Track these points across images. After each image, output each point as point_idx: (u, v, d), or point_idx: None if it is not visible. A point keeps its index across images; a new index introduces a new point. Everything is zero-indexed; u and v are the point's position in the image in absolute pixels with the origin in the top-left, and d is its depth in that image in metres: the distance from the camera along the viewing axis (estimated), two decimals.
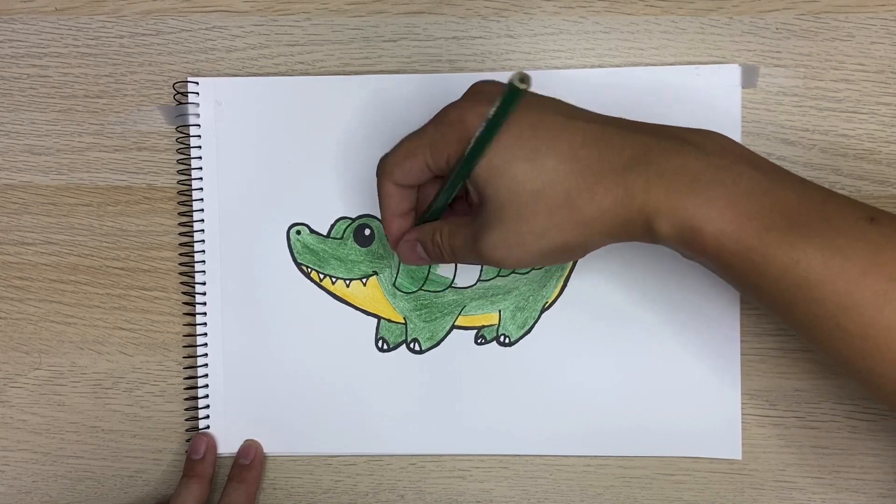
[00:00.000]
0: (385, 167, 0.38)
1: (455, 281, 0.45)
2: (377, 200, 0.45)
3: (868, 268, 0.30)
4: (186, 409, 0.47)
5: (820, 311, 0.31)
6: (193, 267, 0.46)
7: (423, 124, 0.38)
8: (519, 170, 0.33)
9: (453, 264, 0.45)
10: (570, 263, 0.45)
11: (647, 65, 0.44)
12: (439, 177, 0.37)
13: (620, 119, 0.35)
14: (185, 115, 0.46)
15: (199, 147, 0.46)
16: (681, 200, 0.32)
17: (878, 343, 0.31)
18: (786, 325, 0.35)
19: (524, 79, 0.29)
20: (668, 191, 0.32)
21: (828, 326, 0.31)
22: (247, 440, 0.46)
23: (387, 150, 0.45)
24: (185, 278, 0.46)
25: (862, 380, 0.32)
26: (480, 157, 0.34)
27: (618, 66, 0.45)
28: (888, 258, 0.30)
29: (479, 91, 0.36)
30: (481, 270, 0.45)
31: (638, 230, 0.33)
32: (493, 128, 0.33)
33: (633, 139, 0.33)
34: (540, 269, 0.45)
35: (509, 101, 0.31)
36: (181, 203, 0.46)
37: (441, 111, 0.36)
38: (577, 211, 0.33)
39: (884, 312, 0.30)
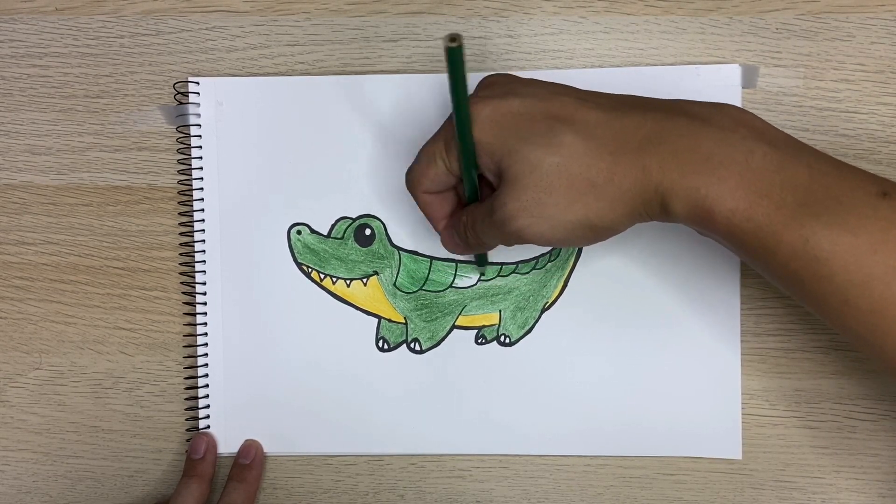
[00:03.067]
0: (412, 179, 0.38)
1: (455, 281, 0.45)
2: (378, 200, 0.45)
3: (878, 244, 0.30)
4: (186, 409, 0.47)
5: (830, 287, 0.31)
6: (193, 267, 0.46)
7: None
8: (537, 145, 0.33)
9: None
10: (571, 264, 0.45)
11: (647, 65, 0.44)
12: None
13: (632, 97, 0.35)
14: (185, 115, 0.46)
15: (200, 147, 0.46)
16: (693, 180, 0.32)
17: (888, 318, 0.31)
18: (790, 308, 0.35)
19: (454, 37, 0.29)
20: (681, 171, 0.32)
21: (838, 302, 0.31)
22: (247, 440, 0.46)
23: (386, 149, 0.45)
24: (185, 278, 0.46)
25: (873, 355, 0.33)
26: (467, 131, 0.34)
27: (618, 66, 0.45)
28: None
29: (488, 84, 0.37)
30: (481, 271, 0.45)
31: (655, 209, 0.33)
32: (458, 95, 0.32)
33: (645, 118, 0.33)
34: (541, 268, 0.45)
35: (455, 63, 0.31)
36: (181, 203, 0.46)
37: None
38: (597, 189, 0.33)
39: (893, 288, 0.30)
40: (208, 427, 0.46)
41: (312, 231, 0.46)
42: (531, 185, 0.33)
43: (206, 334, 0.46)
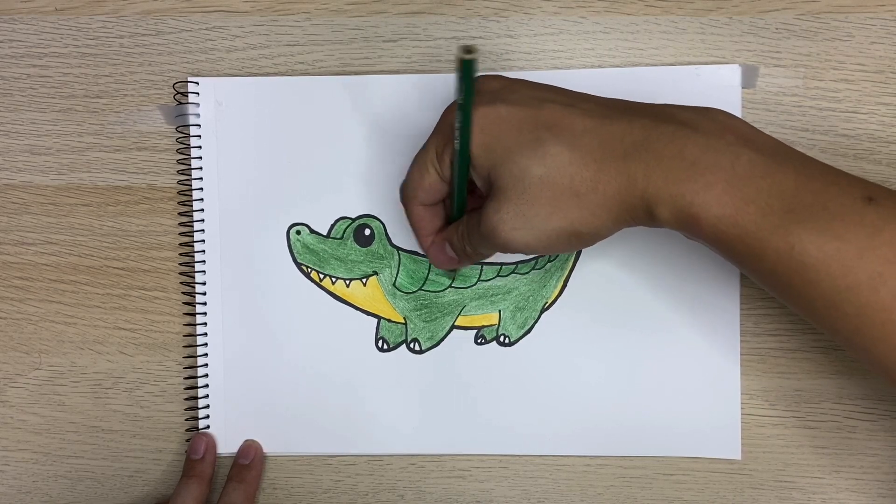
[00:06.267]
0: (407, 192, 0.39)
1: (455, 281, 0.45)
2: (377, 200, 0.46)
3: (864, 249, 0.30)
4: (186, 409, 0.47)
5: (817, 293, 0.31)
6: (193, 267, 0.46)
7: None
8: (522, 156, 0.33)
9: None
10: (571, 264, 0.45)
11: (647, 65, 0.44)
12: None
13: (619, 101, 0.35)
14: (185, 115, 0.46)
15: (199, 147, 0.46)
16: (679, 187, 0.32)
17: (875, 323, 0.31)
18: (789, 308, 0.35)
19: (470, 49, 0.29)
20: (666, 178, 0.32)
21: (825, 308, 0.32)
22: (247, 440, 0.46)
23: (386, 149, 0.45)
24: (185, 278, 0.46)
25: (862, 359, 0.33)
26: (469, 139, 0.34)
27: (618, 66, 0.45)
28: (884, 240, 0.30)
29: (478, 90, 0.36)
30: (481, 270, 0.45)
31: (641, 216, 0.33)
32: (465, 107, 0.32)
33: (632, 124, 0.33)
34: (541, 269, 0.45)
35: (466, 75, 0.31)
36: (181, 203, 0.46)
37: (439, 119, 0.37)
38: (581, 198, 0.33)
39: (879, 294, 0.30)
40: (208, 427, 0.46)
41: (312, 231, 0.46)
42: (514, 197, 0.34)
43: (206, 334, 0.46)
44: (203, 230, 0.46)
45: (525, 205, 0.34)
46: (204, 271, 0.46)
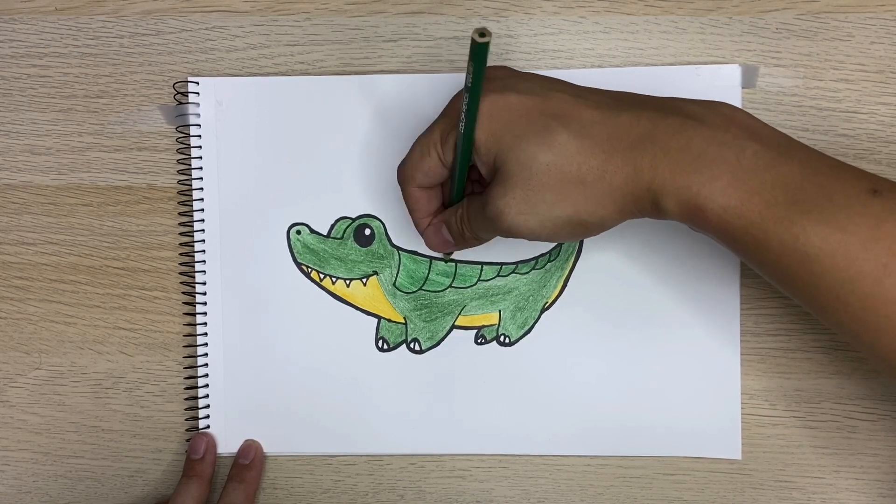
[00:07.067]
0: (405, 173, 0.39)
1: (455, 281, 0.45)
2: (377, 200, 0.46)
3: (868, 241, 0.30)
4: (186, 409, 0.47)
5: (821, 284, 0.31)
6: (193, 267, 0.46)
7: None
8: (530, 143, 0.34)
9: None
10: (571, 264, 0.45)
11: (647, 65, 0.44)
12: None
13: (629, 94, 0.36)
14: (185, 114, 0.46)
15: (200, 147, 0.46)
16: (685, 179, 0.32)
17: (880, 315, 0.31)
18: (789, 308, 0.35)
19: (483, 33, 0.29)
20: (672, 169, 0.32)
21: (830, 299, 0.32)
22: (247, 440, 0.46)
23: (386, 149, 0.45)
24: (185, 278, 0.46)
25: (866, 352, 0.33)
26: (474, 124, 0.34)
27: (618, 66, 0.45)
28: (889, 231, 0.30)
29: (486, 78, 0.37)
30: (481, 270, 0.45)
31: (647, 207, 0.33)
32: (474, 90, 0.33)
33: (639, 116, 0.34)
34: (541, 268, 0.45)
35: (478, 58, 0.31)
36: (181, 203, 0.46)
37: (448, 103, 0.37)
38: (588, 187, 0.33)
39: (884, 285, 0.30)
40: (208, 427, 0.46)
41: (312, 231, 0.46)
42: (522, 183, 0.34)
43: (206, 334, 0.46)
44: (203, 230, 0.46)
45: (531, 191, 0.34)
46: (204, 271, 0.46)
